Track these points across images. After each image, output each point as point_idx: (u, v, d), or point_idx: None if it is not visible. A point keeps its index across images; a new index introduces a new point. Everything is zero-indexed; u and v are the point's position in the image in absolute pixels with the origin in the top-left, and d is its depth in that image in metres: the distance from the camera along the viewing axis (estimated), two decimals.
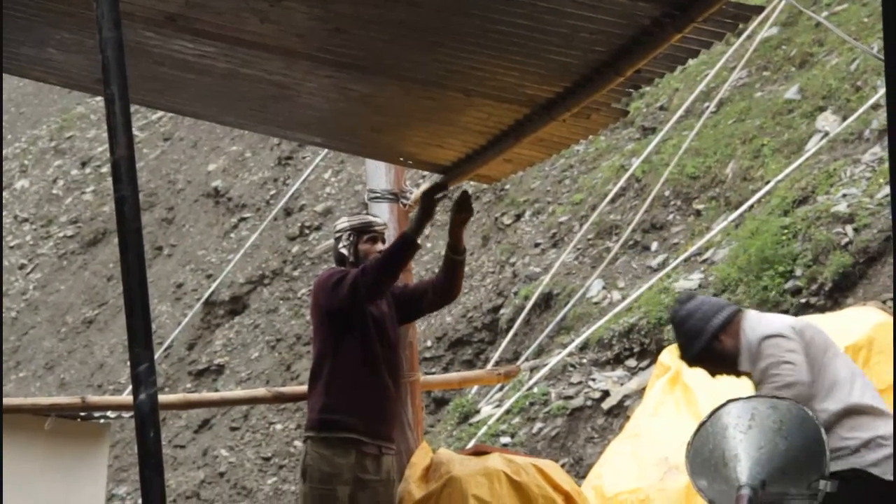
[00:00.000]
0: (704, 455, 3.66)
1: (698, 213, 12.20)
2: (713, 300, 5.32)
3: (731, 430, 3.62)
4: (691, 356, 5.19)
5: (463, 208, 6.42)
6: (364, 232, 6.58)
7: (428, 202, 6.36)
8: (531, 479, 6.40)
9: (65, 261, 19.10)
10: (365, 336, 6.40)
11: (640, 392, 10.08)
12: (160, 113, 18.81)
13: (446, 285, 6.58)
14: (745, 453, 3.55)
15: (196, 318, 15.54)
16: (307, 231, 15.91)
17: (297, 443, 13.17)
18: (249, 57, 5.35)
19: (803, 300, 10.07)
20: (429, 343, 13.14)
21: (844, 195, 10.55)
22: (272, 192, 16.78)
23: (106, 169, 20.08)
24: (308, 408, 6.62)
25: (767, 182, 11.19)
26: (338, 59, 5.36)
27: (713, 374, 5.27)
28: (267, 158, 17.31)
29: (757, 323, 5.07)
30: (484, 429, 11.11)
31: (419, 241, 6.37)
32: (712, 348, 5.10)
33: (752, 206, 11.17)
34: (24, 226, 20.46)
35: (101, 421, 8.31)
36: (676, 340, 5.30)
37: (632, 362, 10.99)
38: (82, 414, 8.04)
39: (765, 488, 3.52)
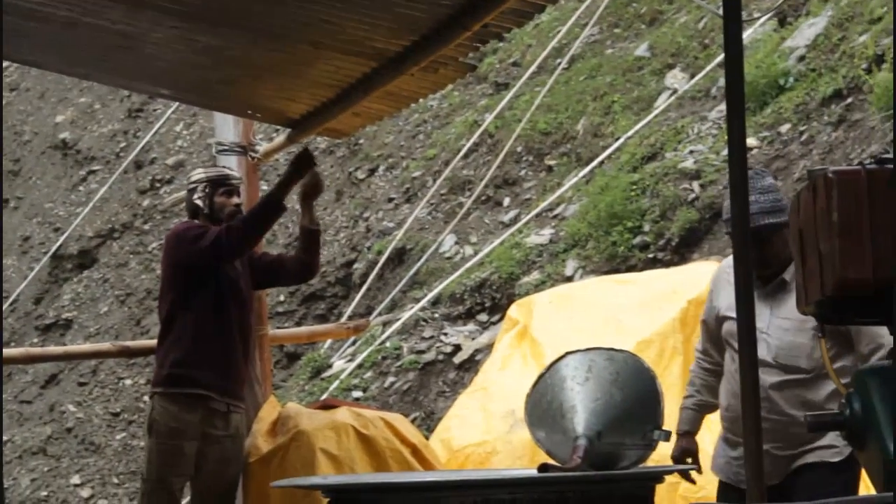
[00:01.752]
0: (543, 407, 3.71)
1: (550, 168, 12.31)
2: None
3: (568, 381, 3.67)
4: (767, 223, 4.69)
5: (301, 165, 6.34)
6: (220, 184, 6.50)
7: (296, 166, 6.31)
8: (379, 432, 6.43)
9: None
10: (217, 293, 6.35)
11: (491, 346, 10.15)
12: (5, 63, 18.39)
13: (304, 260, 6.57)
14: (581, 405, 3.61)
15: (43, 272, 15.25)
16: (158, 184, 15.70)
17: (147, 398, 13.04)
18: (91, 5, 5.26)
19: (651, 255, 10.24)
20: (281, 297, 13.08)
21: (691, 151, 10.73)
22: (122, 145, 16.48)
23: None
24: (156, 362, 6.56)
25: (617, 138, 11.33)
26: (184, 9, 5.30)
27: (758, 250, 4.72)
28: (117, 110, 17.00)
29: None
30: (336, 383, 11.11)
31: (284, 204, 6.33)
32: (785, 233, 4.58)
33: (602, 163, 11.30)
34: None
35: None
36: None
37: (483, 317, 11.07)
38: None
39: (601, 439, 3.58)
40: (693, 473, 4.87)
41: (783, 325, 4.70)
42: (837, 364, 4.55)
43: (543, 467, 3.49)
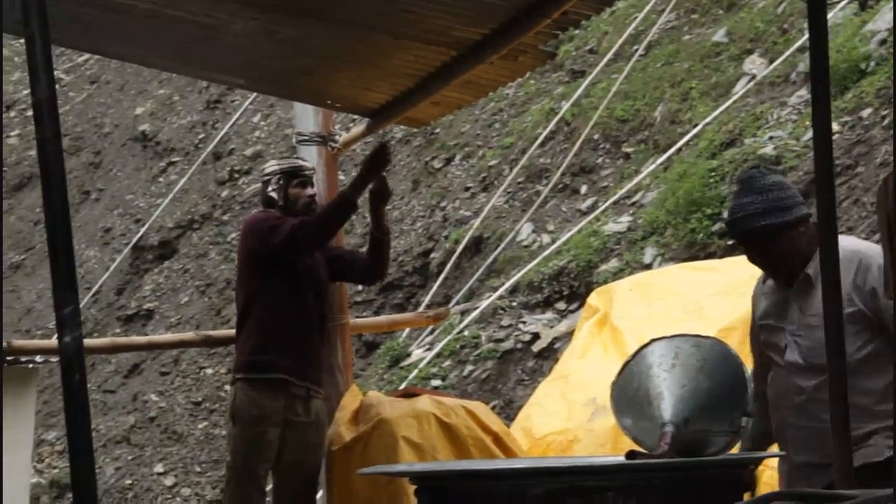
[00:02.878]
0: (629, 394, 3.70)
1: (627, 156, 12.26)
2: None
3: (654, 368, 3.65)
4: (765, 224, 4.51)
5: (376, 163, 6.35)
6: (294, 176, 6.55)
7: (370, 165, 6.33)
8: (461, 420, 6.43)
9: None
10: (294, 279, 6.40)
11: (570, 334, 10.13)
12: (86, 55, 18.56)
13: (371, 264, 6.61)
14: (668, 391, 3.58)
15: (125, 263, 15.43)
16: (236, 175, 15.82)
17: (228, 387, 13.13)
18: None
19: (730, 242, 10.16)
20: (360, 287, 13.14)
21: (771, 137, 10.64)
22: (201, 136, 16.63)
23: (31, 113, 19.84)
24: (236, 350, 6.62)
25: (695, 125, 11.26)
26: (264, 0, 5.33)
27: (763, 253, 4.60)
28: (195, 102, 17.16)
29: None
30: (415, 372, 11.15)
31: (357, 202, 6.36)
32: (793, 231, 4.51)
33: (680, 149, 11.23)
34: None
35: (29, 366, 8.24)
36: (745, 203, 4.55)
37: (561, 305, 11.05)
38: (9, 358, 7.97)
39: (688, 425, 3.55)
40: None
41: (812, 323, 4.42)
42: (868, 349, 4.38)
43: (631, 454, 3.48)
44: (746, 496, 3.46)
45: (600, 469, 3.54)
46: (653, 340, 3.78)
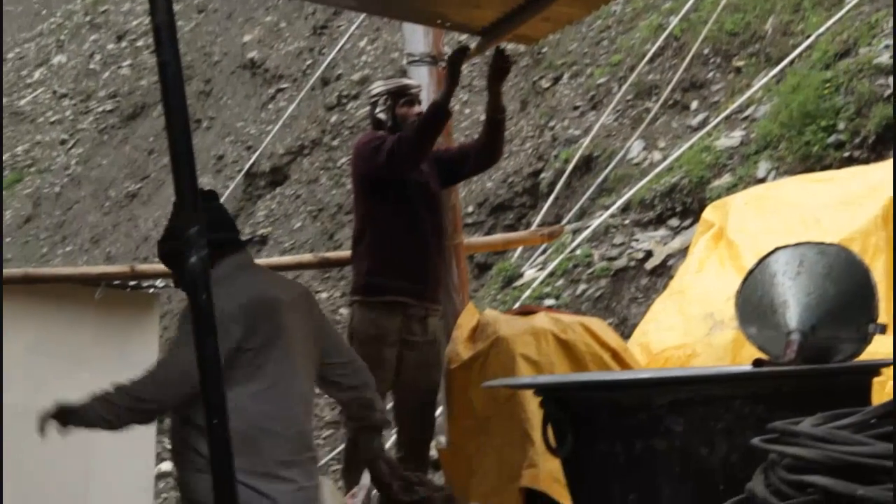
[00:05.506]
0: (753, 303, 3.67)
1: (738, 70, 12.08)
2: None
3: (779, 276, 3.62)
4: None
5: (499, 63, 6.36)
6: (400, 95, 6.55)
7: (453, 68, 6.31)
8: (578, 336, 6.42)
9: (105, 135, 19.13)
10: (406, 199, 6.41)
11: (683, 251, 10.07)
12: None
13: (489, 146, 6.57)
14: (794, 299, 3.56)
15: (238, 190, 15.59)
16: (345, 100, 15.86)
17: (343, 310, 13.27)
18: None
19: (846, 154, 10.00)
20: (470, 209, 13.15)
21: (886, 46, 10.41)
22: (308, 62, 16.69)
23: (142, 42, 20.02)
24: (353, 272, 6.67)
25: (808, 36, 11.05)
26: None
27: None
28: (302, 28, 17.19)
29: None
30: (527, 292, 11.15)
31: (450, 108, 6.34)
32: None
33: (792, 61, 11.04)
34: (64, 101, 20.48)
35: (151, 290, 8.38)
36: None
37: (674, 222, 10.97)
38: (131, 283, 8.11)
39: (815, 333, 3.53)
40: None
41: None
42: None
43: (758, 362, 3.47)
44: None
45: (727, 377, 3.53)
46: (777, 249, 3.75)
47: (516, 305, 10.60)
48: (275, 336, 4.54)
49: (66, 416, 4.45)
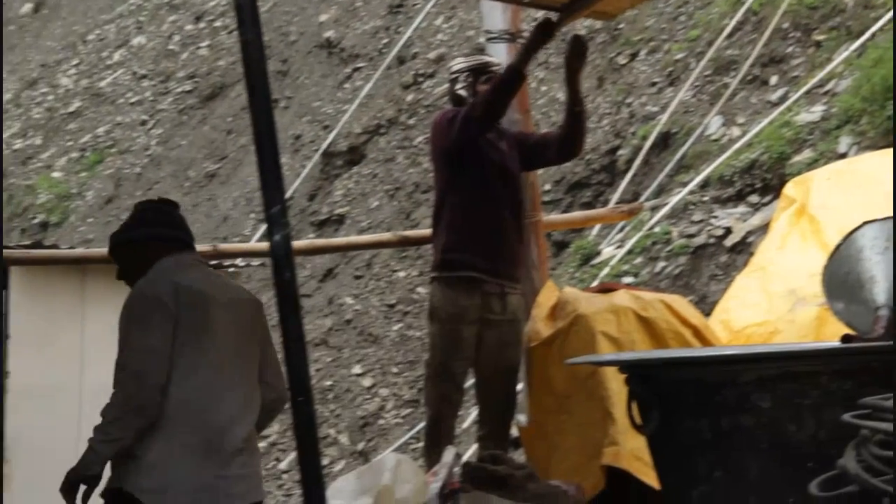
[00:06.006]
0: (840, 278, 3.64)
1: (818, 44, 11.93)
2: None
3: (866, 252, 3.58)
4: None
5: (575, 52, 6.32)
6: (481, 72, 6.55)
7: (537, 33, 6.27)
8: (659, 314, 6.39)
9: (184, 116, 19.27)
10: (483, 175, 6.41)
11: (764, 228, 9.98)
12: None
13: (568, 138, 6.55)
14: (882, 274, 3.52)
15: (315, 170, 15.65)
16: (421, 79, 15.85)
17: (420, 289, 13.30)
18: None
19: None
20: (547, 187, 13.11)
21: None
22: (384, 41, 16.69)
23: (220, 23, 20.13)
24: (433, 249, 6.69)
25: (889, 8, 10.90)
26: None
27: None
28: (378, 7, 17.21)
29: None
30: (606, 270, 11.11)
31: (525, 72, 6.30)
32: None
33: (874, 35, 10.90)
34: (143, 82, 20.65)
35: (231, 269, 8.46)
36: None
37: (754, 198, 10.88)
38: (212, 263, 8.19)
39: None
40: None
41: None
42: None
43: (846, 338, 3.43)
44: None
45: (815, 353, 3.50)
46: (864, 223, 3.70)
47: (594, 283, 10.57)
48: (201, 328, 4.59)
49: (81, 481, 4.51)
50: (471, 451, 9.01)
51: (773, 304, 6.89)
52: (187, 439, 4.54)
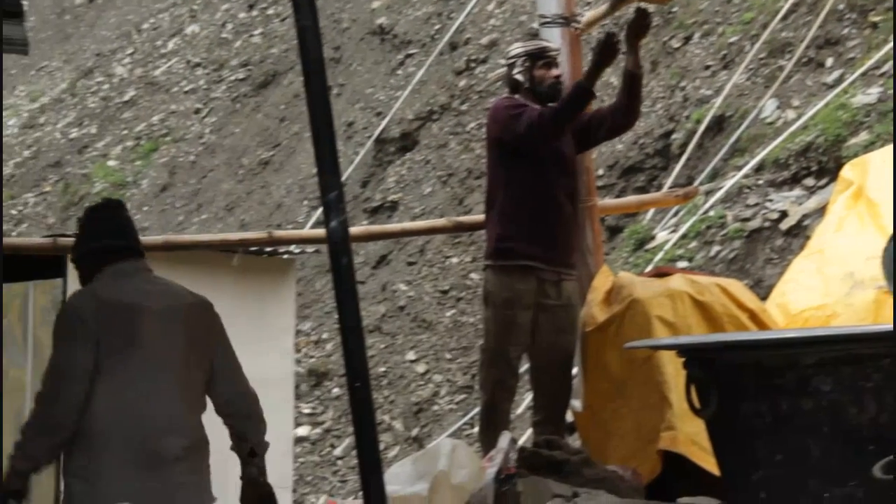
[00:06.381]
0: None
1: (875, 25, 11.83)
2: None
3: None
4: None
5: (640, 24, 6.33)
6: (539, 57, 6.54)
7: (605, 50, 6.27)
8: (715, 298, 6.36)
9: (238, 104, 19.33)
10: (539, 163, 6.40)
11: (820, 211, 9.91)
12: None
13: (627, 105, 6.53)
14: None
15: (368, 157, 15.67)
16: (473, 64, 15.84)
17: (474, 275, 13.30)
18: None
19: None
20: (601, 171, 13.06)
21: None
22: (437, 27, 16.68)
23: (272, 11, 20.17)
24: (486, 237, 6.69)
25: None
26: None
27: None
28: None
29: None
30: (660, 254, 11.08)
31: (593, 90, 6.32)
32: None
33: None
34: (197, 70, 20.73)
35: (285, 256, 8.49)
36: None
37: (810, 181, 10.81)
38: (267, 250, 8.22)
39: None
40: None
41: None
42: None
43: None
44: None
45: (877, 336, 3.47)
46: None
47: (648, 268, 10.53)
48: (127, 341, 4.62)
49: (7, 496, 4.56)
50: (525, 437, 9.01)
51: (830, 287, 6.83)
52: (120, 451, 4.57)
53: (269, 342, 8.21)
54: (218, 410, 4.87)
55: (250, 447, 4.84)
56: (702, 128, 11.94)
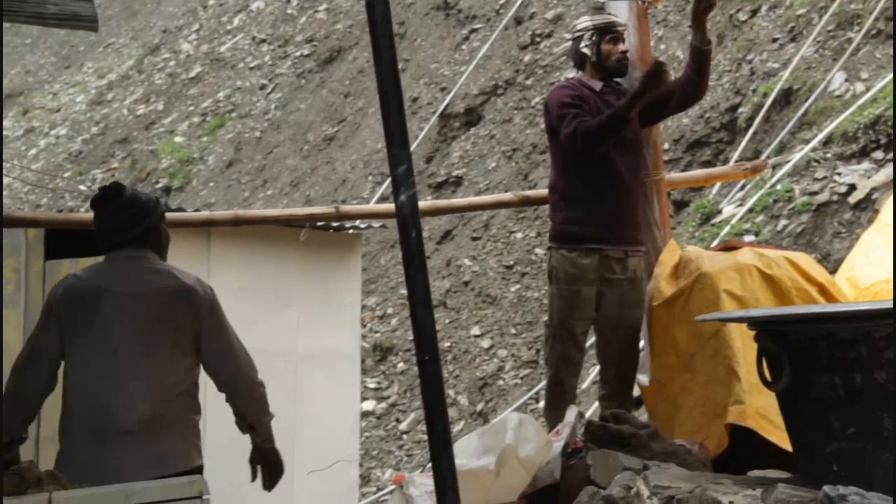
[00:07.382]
0: None
1: None
2: None
3: None
4: None
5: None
6: (606, 32, 6.49)
7: (651, 78, 6.18)
8: (784, 271, 6.30)
9: (303, 80, 19.41)
10: None
11: (888, 184, 9.82)
12: None
13: (694, 79, 6.46)
14: None
15: (433, 132, 15.69)
16: (538, 39, 15.80)
17: (538, 250, 13.29)
18: None
19: None
20: (666, 145, 13.00)
21: None
22: (501, 2, 16.67)
23: None
24: (550, 218, 6.66)
25: None
26: None
27: None
28: None
29: None
30: (726, 228, 11.02)
31: (631, 117, 6.25)
32: None
33: None
34: (262, 46, 20.83)
35: (350, 231, 8.52)
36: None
37: (878, 154, 10.70)
38: (334, 225, 8.25)
39: None
40: None
41: None
42: None
43: None
44: None
45: None
46: None
47: (715, 242, 10.48)
48: (89, 322, 4.92)
49: None
50: (591, 411, 9.00)
51: None
52: (80, 424, 4.92)
53: (336, 317, 8.26)
54: (218, 389, 5.12)
55: (248, 423, 5.11)
56: (769, 101, 11.86)
